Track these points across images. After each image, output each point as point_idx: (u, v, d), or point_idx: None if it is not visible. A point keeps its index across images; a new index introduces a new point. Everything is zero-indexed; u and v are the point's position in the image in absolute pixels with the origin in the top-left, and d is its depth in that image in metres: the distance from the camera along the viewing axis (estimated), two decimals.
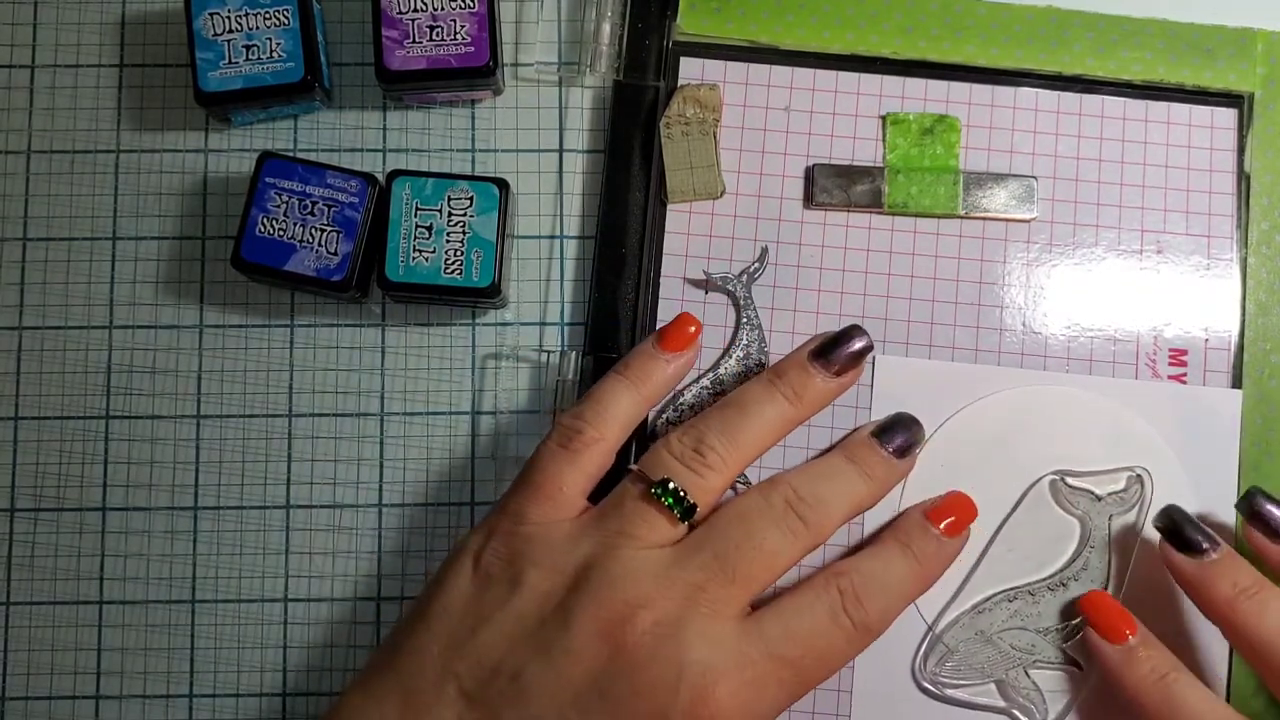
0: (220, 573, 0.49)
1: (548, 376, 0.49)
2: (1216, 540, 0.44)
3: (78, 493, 0.49)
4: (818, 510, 0.43)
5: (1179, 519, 0.44)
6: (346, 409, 0.49)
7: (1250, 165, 0.50)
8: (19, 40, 0.51)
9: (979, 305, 0.49)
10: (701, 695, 0.39)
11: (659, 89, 0.50)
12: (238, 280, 0.50)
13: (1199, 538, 0.44)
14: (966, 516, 0.45)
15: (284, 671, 0.48)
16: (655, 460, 0.43)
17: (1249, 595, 0.42)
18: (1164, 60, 0.50)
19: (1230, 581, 0.43)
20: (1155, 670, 0.43)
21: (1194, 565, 0.44)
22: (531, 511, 0.43)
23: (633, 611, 0.40)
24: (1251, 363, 0.49)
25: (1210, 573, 0.43)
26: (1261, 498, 0.44)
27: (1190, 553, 0.44)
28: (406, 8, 0.48)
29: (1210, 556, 0.43)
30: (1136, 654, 0.43)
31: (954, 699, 0.46)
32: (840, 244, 0.49)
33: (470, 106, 0.51)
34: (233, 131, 0.51)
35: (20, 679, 0.48)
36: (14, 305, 0.50)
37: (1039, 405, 0.48)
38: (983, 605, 0.47)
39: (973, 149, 0.50)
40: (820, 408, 0.45)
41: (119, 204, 0.50)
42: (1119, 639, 0.44)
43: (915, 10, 0.50)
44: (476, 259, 0.47)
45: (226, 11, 0.48)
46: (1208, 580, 0.43)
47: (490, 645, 0.41)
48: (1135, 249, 0.49)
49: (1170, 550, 0.44)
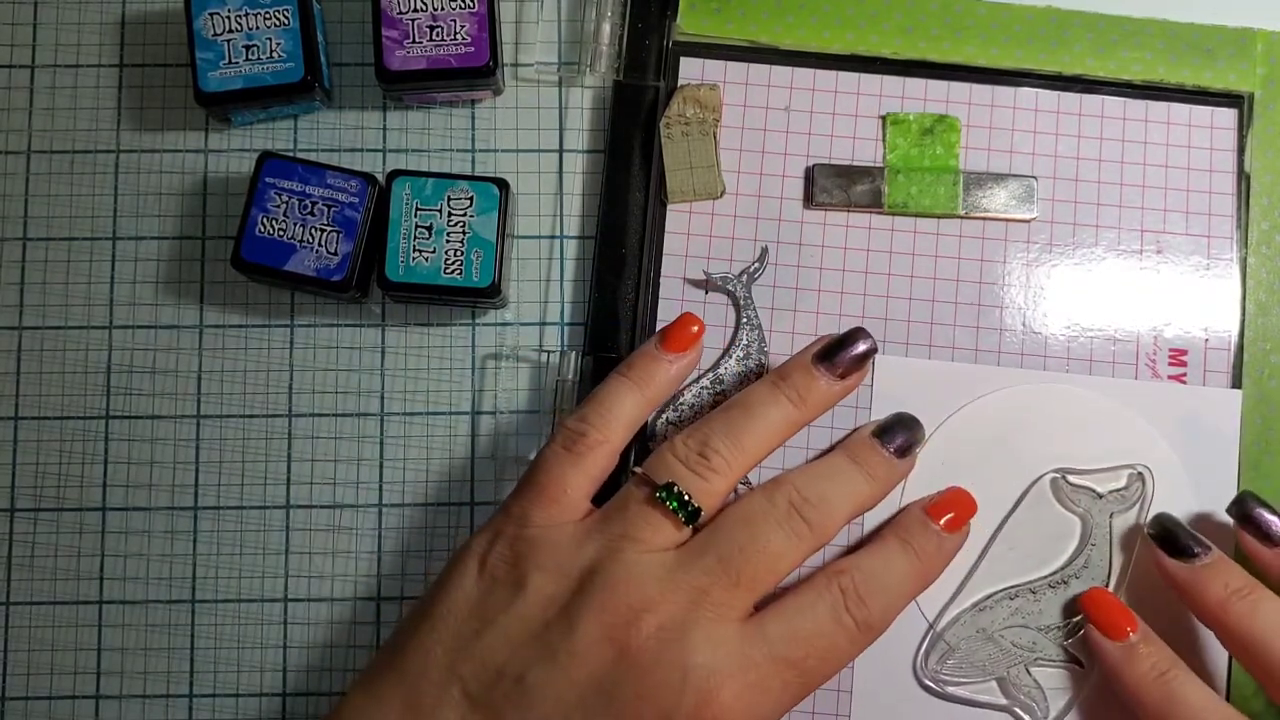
0: (220, 573, 0.49)
1: (548, 376, 0.49)
2: (1208, 545, 0.44)
3: (78, 493, 0.49)
4: (821, 511, 0.43)
5: (1170, 525, 0.45)
6: (346, 409, 0.49)
7: (1250, 165, 0.50)
8: (19, 40, 0.51)
9: (979, 305, 0.49)
10: (706, 698, 0.39)
11: (659, 89, 0.50)
12: (238, 280, 0.50)
13: (1190, 543, 0.44)
14: (966, 512, 0.45)
15: (284, 671, 0.48)
16: (660, 463, 0.43)
17: (1241, 596, 0.43)
18: (1164, 60, 0.50)
19: (1222, 584, 0.43)
20: (1155, 668, 0.43)
21: (1186, 569, 0.44)
22: (536, 514, 0.43)
23: (637, 615, 0.40)
24: (1251, 363, 0.49)
25: (1202, 576, 0.44)
26: (1252, 502, 0.45)
27: (1182, 558, 0.44)
28: (406, 8, 0.48)
29: (1202, 560, 0.44)
30: (1137, 651, 0.44)
31: (955, 696, 0.46)
32: (840, 244, 0.49)
33: (470, 106, 0.51)
34: (233, 131, 0.51)
35: (20, 679, 0.48)
36: (14, 305, 0.50)
37: (1039, 404, 0.48)
38: (984, 603, 0.47)
39: (973, 149, 0.50)
40: (824, 410, 0.45)
41: (119, 204, 0.50)
42: (1120, 636, 0.44)
43: (915, 10, 0.50)
44: (476, 259, 0.47)
45: (226, 11, 0.48)
46: (1200, 583, 0.44)
47: (494, 647, 0.41)
48: (1135, 249, 0.49)
49: (1162, 556, 0.45)
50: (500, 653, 0.40)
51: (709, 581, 0.41)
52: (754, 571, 0.41)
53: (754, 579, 0.41)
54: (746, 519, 0.42)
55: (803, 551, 0.42)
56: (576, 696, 0.40)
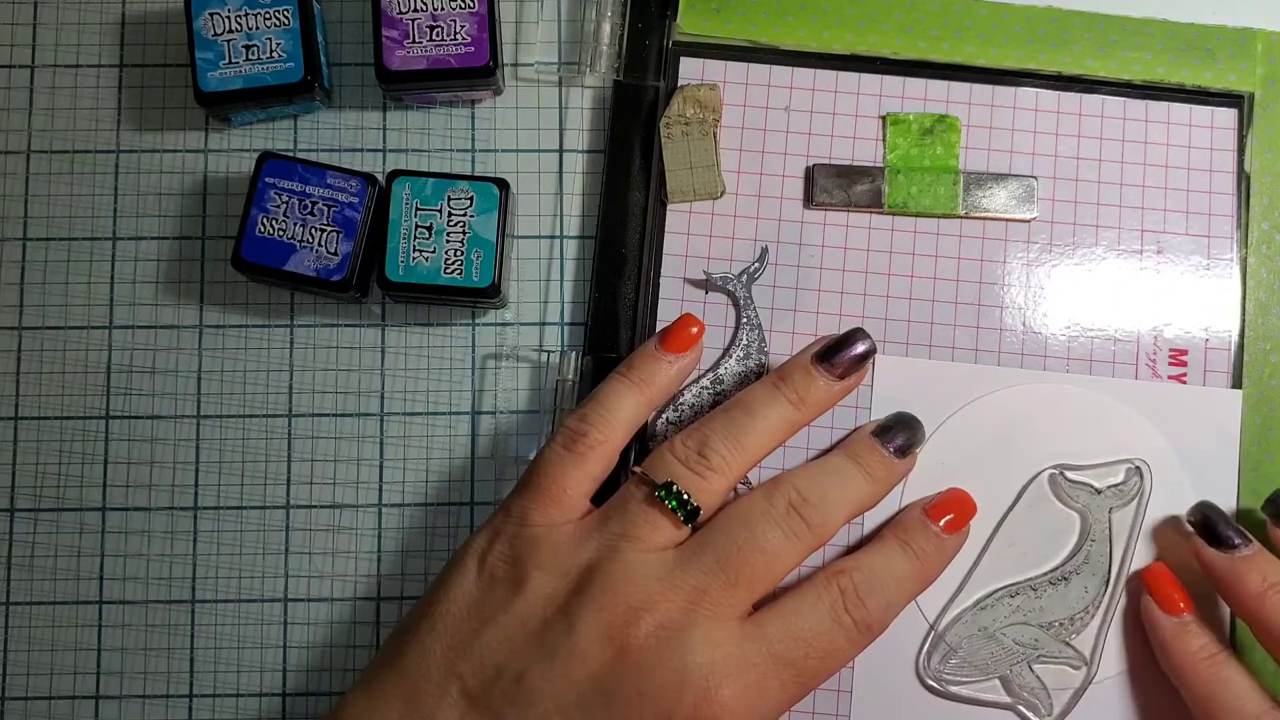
0: (220, 573, 0.49)
1: (548, 376, 0.49)
2: (1248, 536, 0.45)
3: (78, 493, 0.49)
4: (821, 511, 0.43)
5: (1212, 515, 0.45)
6: (346, 409, 0.49)
7: (1250, 165, 0.50)
8: (19, 40, 0.51)
9: (979, 305, 0.49)
10: (705, 697, 0.39)
11: (659, 89, 0.50)
12: (238, 280, 0.50)
13: (1230, 533, 0.45)
14: (966, 513, 0.45)
15: (284, 671, 0.48)
16: (659, 463, 0.43)
17: (1279, 590, 0.43)
18: (1164, 60, 0.50)
19: (1260, 576, 0.44)
20: (1205, 648, 0.44)
21: (1225, 559, 0.44)
22: (535, 513, 0.43)
23: (636, 614, 0.40)
24: (1251, 363, 0.49)
25: (1241, 567, 0.44)
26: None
27: (1221, 547, 0.45)
28: (406, 8, 0.48)
29: (1242, 552, 0.44)
30: (1189, 629, 0.45)
31: (958, 696, 0.46)
32: (840, 244, 0.49)
33: (470, 106, 0.51)
34: (233, 131, 0.51)
35: (20, 679, 0.48)
36: (14, 305, 0.50)
37: (1038, 403, 0.48)
38: (985, 601, 0.47)
39: (973, 149, 0.50)
40: (823, 411, 0.45)
41: (119, 204, 0.50)
42: (1174, 611, 0.45)
43: (915, 10, 0.50)
44: (476, 259, 0.47)
45: (226, 11, 0.48)
46: (1238, 574, 0.44)
47: (494, 647, 0.41)
48: (1135, 249, 0.49)
49: (1202, 545, 0.45)
50: (499, 652, 0.41)
51: (708, 581, 0.41)
52: (752, 571, 0.41)
53: (752, 579, 0.41)
54: (745, 519, 0.42)
55: (801, 551, 0.42)
56: (576, 695, 0.40)
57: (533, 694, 0.40)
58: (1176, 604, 0.45)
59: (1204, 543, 0.45)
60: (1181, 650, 0.44)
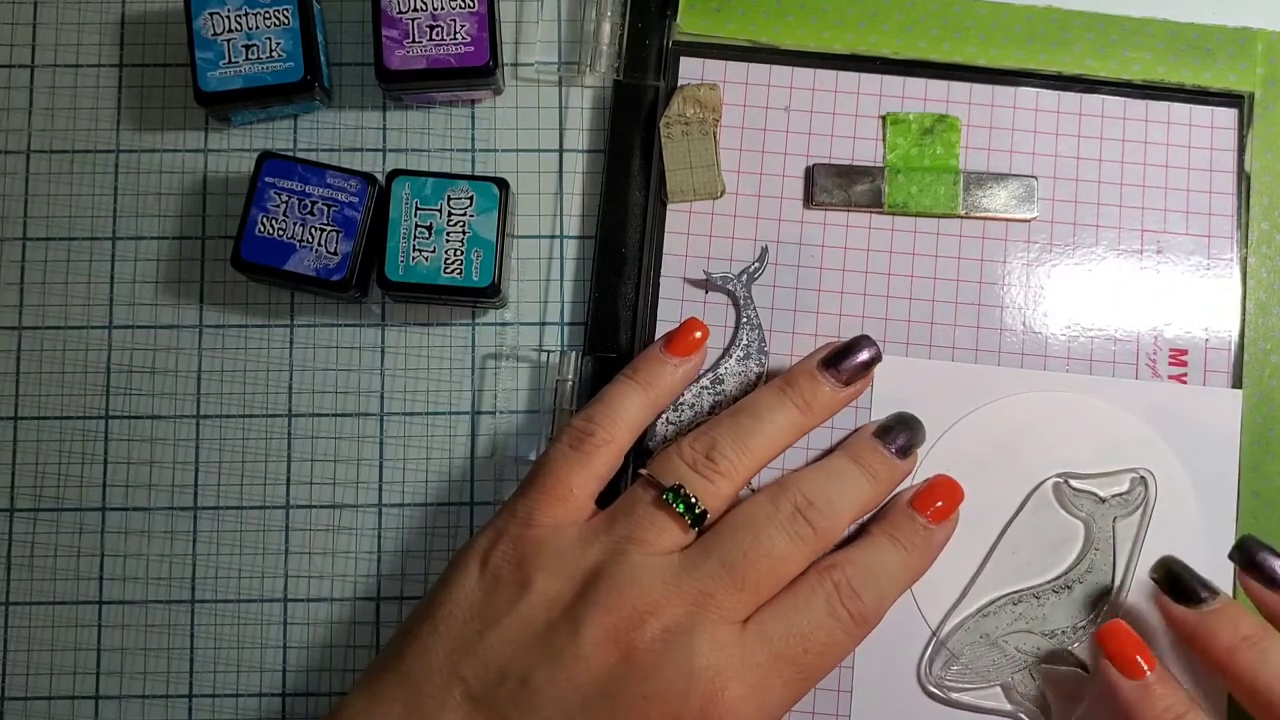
0: (220, 573, 0.49)
1: (548, 376, 0.49)
2: (1215, 589, 0.43)
3: (78, 493, 0.49)
4: (826, 515, 0.43)
5: (1176, 568, 0.44)
6: (346, 409, 0.49)
7: (1250, 165, 0.50)
8: (19, 40, 0.51)
9: (979, 305, 0.49)
10: (712, 699, 0.40)
11: (659, 89, 0.50)
12: (238, 280, 0.50)
13: (1196, 586, 0.43)
14: (953, 500, 0.45)
15: (284, 671, 0.48)
16: (667, 466, 0.43)
17: (1251, 644, 0.41)
18: (1164, 60, 0.50)
19: (1231, 630, 0.42)
20: (1171, 710, 0.41)
21: (1193, 615, 0.43)
22: (540, 514, 0.43)
23: (641, 618, 0.40)
24: (1252, 363, 0.49)
25: (1210, 621, 0.42)
26: (1256, 546, 0.43)
27: (1189, 602, 0.43)
28: (406, 7, 0.48)
29: (1210, 605, 0.43)
30: (1153, 691, 0.42)
31: (960, 703, 0.46)
32: (840, 244, 0.49)
33: (470, 106, 0.51)
34: (233, 131, 0.51)
35: (20, 679, 0.48)
36: (14, 305, 0.50)
37: (1040, 411, 0.48)
38: (987, 609, 0.47)
39: (973, 149, 0.50)
40: (829, 416, 0.46)
41: (119, 204, 0.50)
42: (1136, 674, 0.42)
43: (915, 10, 0.50)
44: (476, 259, 0.47)
45: (226, 11, 0.48)
46: (1208, 629, 0.42)
47: (497, 649, 0.41)
48: (1135, 249, 0.49)
49: (1168, 601, 0.43)
50: (503, 654, 0.40)
51: (714, 586, 0.41)
52: (758, 576, 0.41)
53: (758, 583, 0.41)
54: (751, 523, 0.42)
55: (807, 555, 0.42)
56: (580, 698, 0.40)
57: (537, 697, 0.40)
58: (1138, 667, 0.42)
59: (1170, 599, 0.43)
60: (1147, 715, 0.41)
